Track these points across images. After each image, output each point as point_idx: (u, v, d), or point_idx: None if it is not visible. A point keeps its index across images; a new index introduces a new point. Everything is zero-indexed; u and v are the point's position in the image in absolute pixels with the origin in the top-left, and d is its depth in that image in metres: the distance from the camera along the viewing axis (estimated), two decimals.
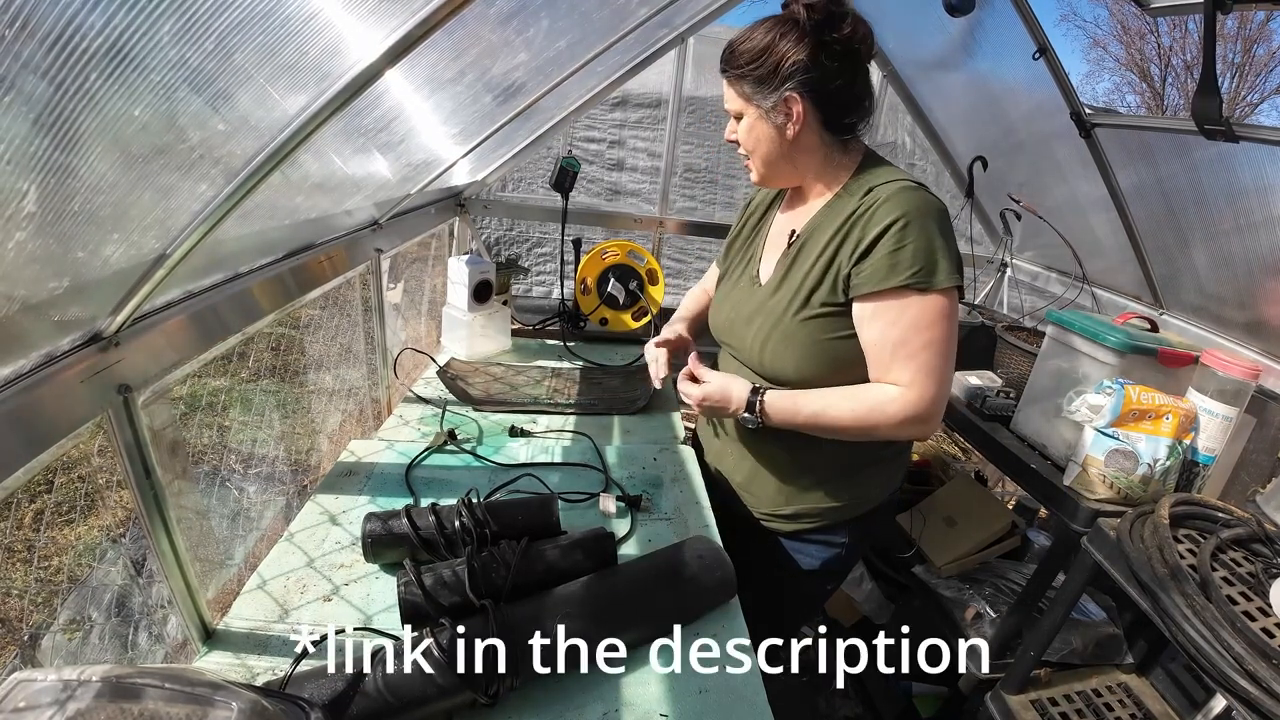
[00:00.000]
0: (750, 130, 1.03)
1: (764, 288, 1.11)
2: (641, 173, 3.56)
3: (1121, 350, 1.24)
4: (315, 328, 1.55)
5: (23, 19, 0.35)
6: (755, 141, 1.04)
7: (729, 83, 1.03)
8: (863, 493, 1.15)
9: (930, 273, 0.93)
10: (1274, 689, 0.80)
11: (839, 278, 0.99)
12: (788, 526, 1.17)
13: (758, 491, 1.18)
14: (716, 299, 1.24)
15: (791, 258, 1.07)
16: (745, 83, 1.00)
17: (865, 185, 1.01)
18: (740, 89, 1.01)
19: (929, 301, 0.94)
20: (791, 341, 1.04)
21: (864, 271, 0.96)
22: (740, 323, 1.13)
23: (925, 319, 0.94)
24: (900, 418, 0.97)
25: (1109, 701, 1.35)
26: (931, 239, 0.93)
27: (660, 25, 1.73)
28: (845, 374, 1.04)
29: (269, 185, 0.66)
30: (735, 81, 1.01)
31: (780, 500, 1.16)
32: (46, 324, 0.60)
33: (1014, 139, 1.97)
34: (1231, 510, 1.11)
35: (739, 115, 1.04)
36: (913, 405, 0.96)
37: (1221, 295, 1.57)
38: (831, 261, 1.00)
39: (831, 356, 1.03)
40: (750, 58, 0.97)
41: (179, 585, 0.80)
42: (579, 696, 0.78)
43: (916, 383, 0.96)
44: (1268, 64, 11.71)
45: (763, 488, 1.17)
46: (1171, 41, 12.31)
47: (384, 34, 0.57)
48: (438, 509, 0.97)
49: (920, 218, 0.93)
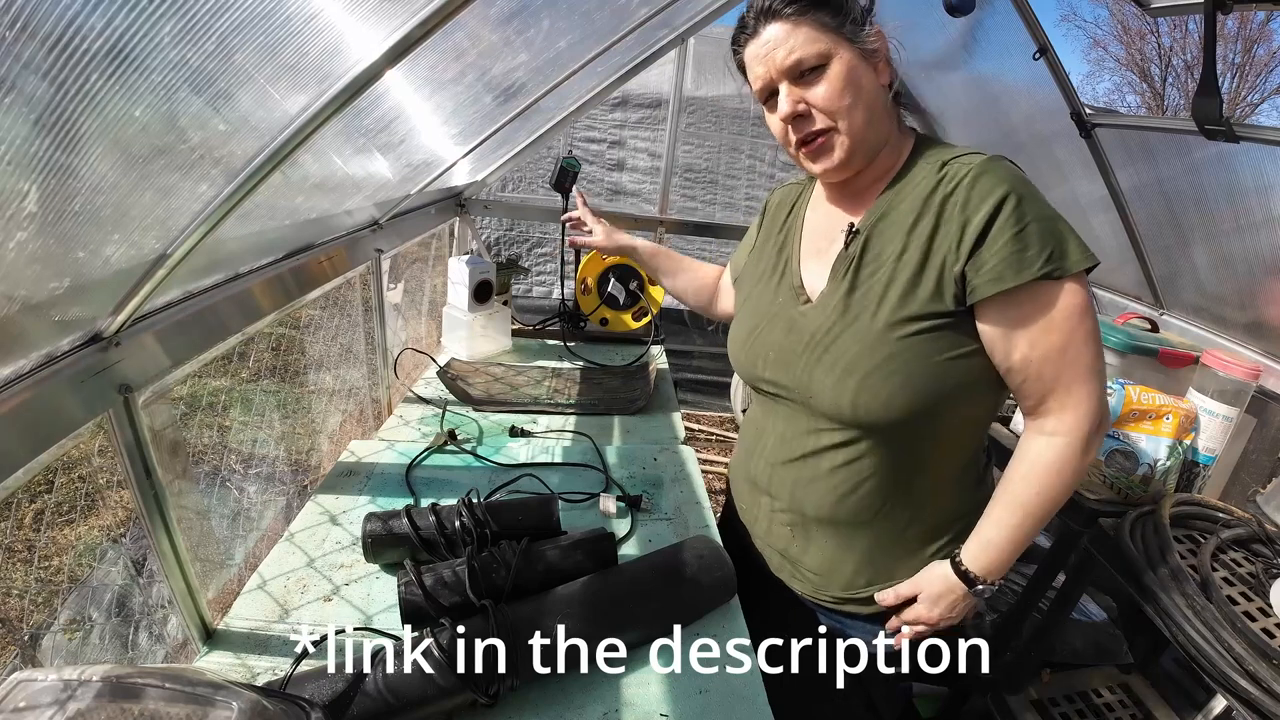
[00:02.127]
0: (848, 75, 0.76)
1: (818, 304, 0.85)
2: (642, 173, 3.56)
3: (1122, 350, 1.24)
4: (315, 328, 1.55)
5: (23, 20, 0.35)
6: (856, 90, 0.77)
7: (794, 25, 0.76)
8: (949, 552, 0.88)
9: (1063, 254, 0.72)
10: (1274, 689, 0.81)
11: (945, 276, 0.75)
12: (865, 609, 0.93)
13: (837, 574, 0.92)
14: (736, 327, 0.98)
15: (853, 259, 0.82)
16: (824, 11, 0.76)
17: (935, 161, 0.79)
18: (818, 21, 0.76)
19: (1071, 290, 0.73)
20: (892, 368, 0.77)
21: (986, 265, 0.73)
22: (791, 354, 0.86)
23: (1077, 313, 0.74)
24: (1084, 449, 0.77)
25: (1109, 701, 1.35)
26: (1048, 213, 0.73)
27: (660, 26, 1.73)
28: (959, 408, 0.81)
29: (269, 185, 0.66)
30: (807, 16, 0.76)
31: (860, 581, 0.91)
32: (47, 324, 0.60)
33: (1014, 139, 1.97)
34: (1232, 510, 1.11)
35: (819, 64, 0.76)
36: (1087, 427, 0.76)
37: (1222, 295, 1.57)
38: (927, 255, 0.76)
39: (947, 384, 0.78)
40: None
41: (179, 585, 0.80)
42: (579, 696, 0.78)
43: (1080, 398, 0.76)
44: (1268, 64, 11.70)
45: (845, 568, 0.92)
46: (1172, 42, 12.31)
47: (384, 34, 0.57)
48: (438, 509, 0.97)
49: (1028, 189, 0.73)
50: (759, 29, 0.79)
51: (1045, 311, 0.74)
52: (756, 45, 0.80)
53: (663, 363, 1.84)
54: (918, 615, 0.87)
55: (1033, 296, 0.73)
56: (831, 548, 0.91)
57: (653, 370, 1.71)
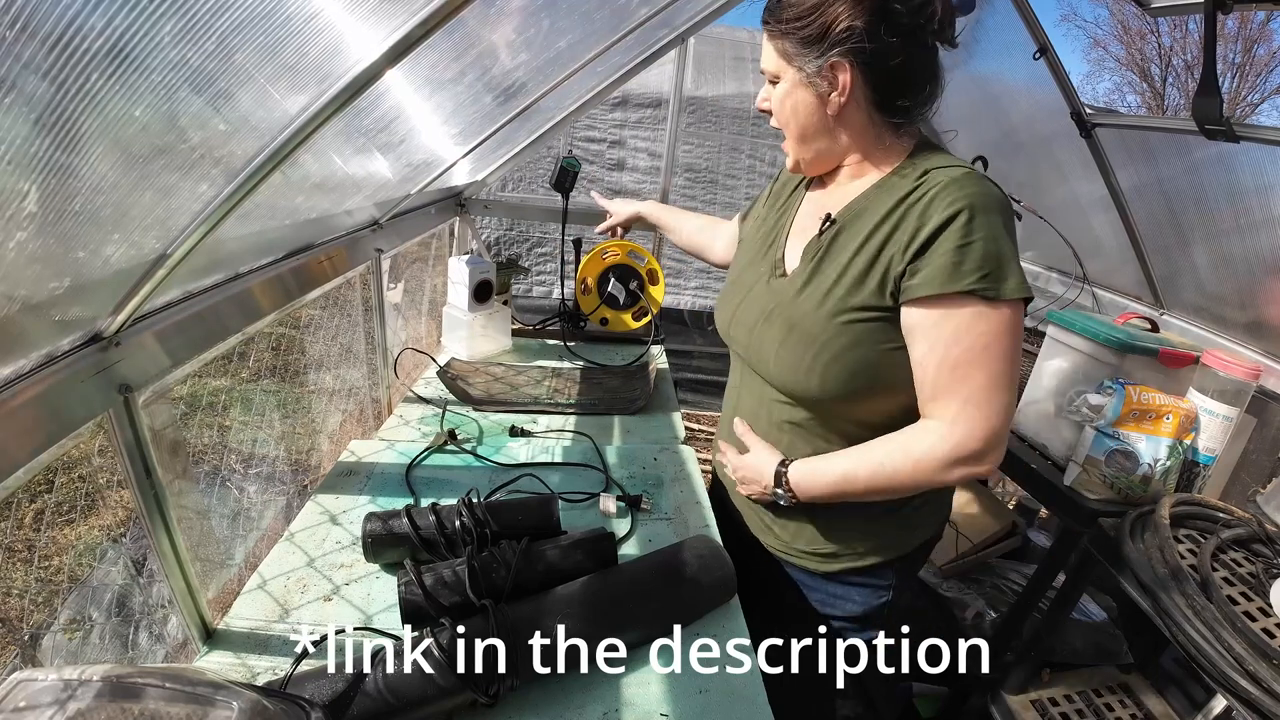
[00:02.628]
0: (787, 96, 0.89)
1: (788, 280, 0.94)
2: (642, 172, 3.56)
3: (1122, 350, 1.24)
4: (316, 328, 1.55)
5: (24, 20, 0.35)
6: (791, 111, 0.89)
7: (769, 37, 0.87)
8: (913, 524, 1.01)
9: (1000, 279, 0.77)
10: (1274, 689, 0.81)
11: (889, 275, 0.82)
12: (825, 566, 1.01)
13: (796, 527, 1.03)
14: (726, 286, 1.08)
15: (824, 246, 0.90)
16: (788, 40, 0.85)
17: (920, 168, 0.85)
18: (781, 46, 0.86)
19: (996, 315, 0.78)
20: (822, 349, 0.86)
21: (921, 270, 0.79)
22: (754, 321, 0.96)
23: (993, 334, 0.78)
24: (949, 458, 0.81)
25: (1109, 701, 1.35)
26: (1000, 238, 0.78)
27: (661, 25, 1.73)
28: (886, 398, 0.88)
29: (269, 185, 0.66)
30: (776, 37, 0.86)
31: (820, 539, 1.01)
32: (47, 324, 0.60)
33: (1015, 139, 1.97)
34: (1232, 510, 1.11)
35: (775, 78, 0.89)
36: (962, 443, 0.80)
37: (1222, 295, 1.57)
38: (879, 253, 0.83)
39: (873, 374, 0.86)
40: (798, 12, 0.83)
41: (179, 585, 0.80)
42: (579, 696, 0.78)
43: (964, 416, 0.80)
44: (1268, 64, 11.70)
45: (804, 522, 1.02)
46: (1172, 41, 12.31)
47: (384, 34, 0.57)
48: (438, 509, 0.97)
49: (987, 212, 0.78)
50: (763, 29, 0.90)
51: (959, 324, 0.78)
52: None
53: (663, 362, 1.84)
54: (734, 464, 1.03)
55: (954, 306, 0.78)
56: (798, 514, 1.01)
57: (653, 370, 1.71)
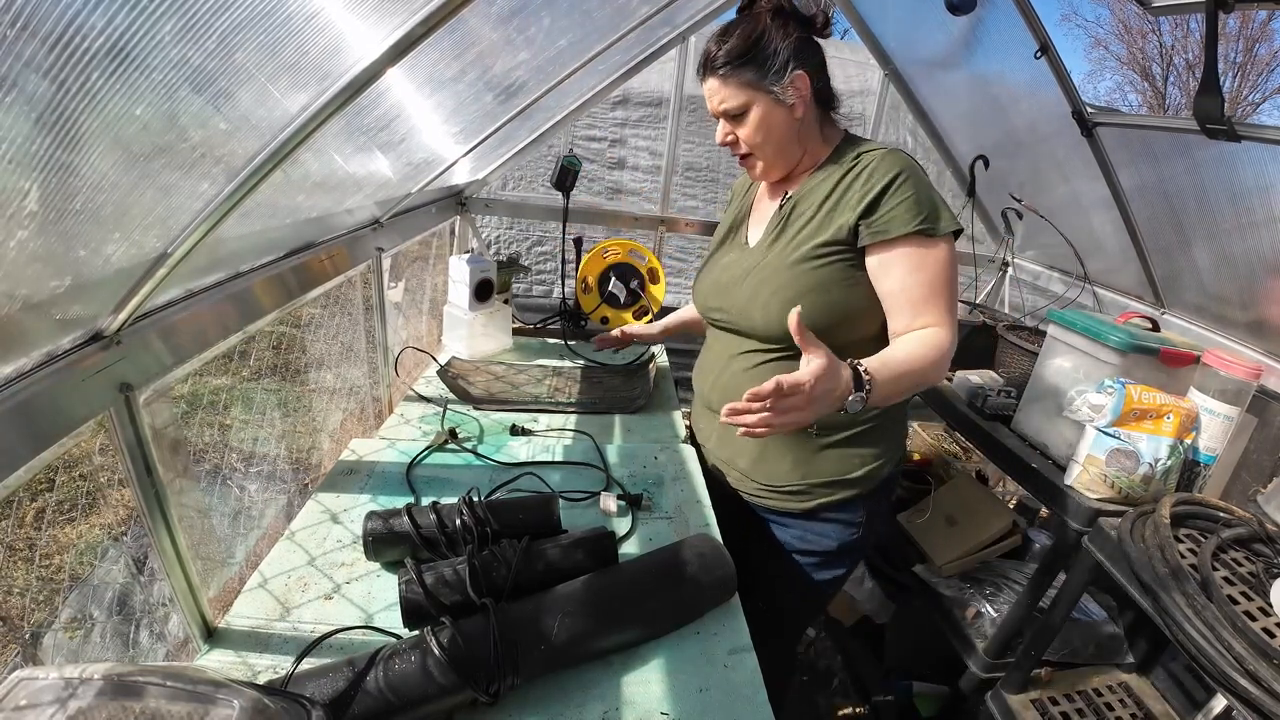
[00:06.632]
0: (761, 121, 1.03)
1: (755, 248, 1.12)
2: (643, 171, 3.56)
3: (1123, 350, 1.23)
4: (316, 326, 1.55)
5: (24, 19, 0.35)
6: (767, 131, 1.04)
7: (723, 81, 1.02)
8: (875, 455, 1.13)
9: (936, 219, 0.99)
10: (1275, 689, 0.80)
11: (844, 225, 1.01)
12: (800, 504, 1.14)
13: (769, 469, 1.14)
14: (701, 274, 1.25)
15: (785, 216, 1.09)
16: (746, 72, 1.00)
17: (854, 151, 1.06)
18: (741, 79, 1.01)
19: (941, 247, 1.00)
20: (796, 293, 1.03)
21: (879, 220, 0.99)
22: (729, 285, 1.12)
23: (942, 262, 1.00)
24: (951, 350, 0.99)
25: (1109, 701, 1.35)
26: (930, 191, 1.01)
27: (661, 24, 1.73)
28: (850, 328, 1.05)
29: (270, 184, 0.66)
30: (733, 75, 1.01)
31: (795, 475, 1.13)
32: (48, 322, 0.60)
33: (1015, 138, 1.97)
34: (1232, 510, 1.11)
35: (741, 111, 1.03)
36: (949, 344, 0.99)
37: (1223, 295, 1.57)
38: (832, 211, 1.03)
39: (839, 308, 1.03)
40: (745, 47, 0.99)
41: (180, 584, 0.80)
42: (579, 695, 0.78)
43: (946, 322, 1.00)
44: (1269, 63, 11.69)
45: (776, 463, 1.13)
46: (1173, 41, 12.30)
47: (385, 33, 0.57)
48: (439, 508, 0.97)
49: (915, 174, 1.01)
50: (704, 78, 1.06)
51: (915, 258, 0.99)
52: (704, 88, 1.07)
53: (663, 361, 1.84)
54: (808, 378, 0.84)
55: (908, 245, 0.99)
56: (752, 445, 1.15)
57: (653, 369, 1.71)
